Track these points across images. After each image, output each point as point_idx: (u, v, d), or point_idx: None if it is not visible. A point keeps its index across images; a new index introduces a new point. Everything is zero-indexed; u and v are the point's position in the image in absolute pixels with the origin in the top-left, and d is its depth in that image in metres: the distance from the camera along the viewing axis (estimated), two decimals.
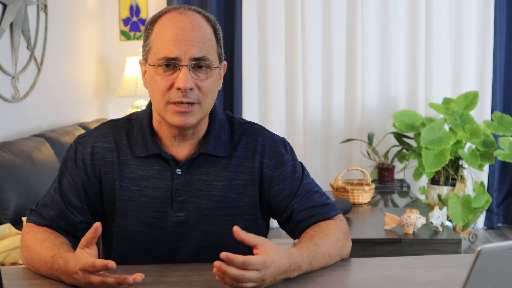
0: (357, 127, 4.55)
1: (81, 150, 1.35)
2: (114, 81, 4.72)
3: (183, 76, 1.23)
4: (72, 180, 1.35)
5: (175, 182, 1.32)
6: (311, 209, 1.36)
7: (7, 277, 1.24)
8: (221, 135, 1.35)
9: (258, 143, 1.36)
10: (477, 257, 0.82)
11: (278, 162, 1.37)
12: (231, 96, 4.62)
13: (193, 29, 1.25)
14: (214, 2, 4.53)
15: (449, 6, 4.47)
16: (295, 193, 1.37)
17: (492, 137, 4.01)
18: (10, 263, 2.15)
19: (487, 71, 4.44)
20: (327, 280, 1.20)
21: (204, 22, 1.29)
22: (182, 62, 1.24)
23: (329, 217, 1.37)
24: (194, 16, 1.28)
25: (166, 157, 1.32)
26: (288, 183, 1.37)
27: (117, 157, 1.34)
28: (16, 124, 3.18)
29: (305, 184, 1.38)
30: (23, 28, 3.22)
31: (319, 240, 1.26)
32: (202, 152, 1.33)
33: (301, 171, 1.40)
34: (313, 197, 1.38)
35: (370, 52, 4.54)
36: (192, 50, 1.24)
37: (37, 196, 2.68)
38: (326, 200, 1.40)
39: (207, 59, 1.26)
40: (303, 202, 1.36)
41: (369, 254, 2.51)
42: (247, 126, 1.39)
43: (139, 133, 1.35)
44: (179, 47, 1.24)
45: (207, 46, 1.27)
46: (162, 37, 1.26)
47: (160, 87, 1.26)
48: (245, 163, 1.35)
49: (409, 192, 3.86)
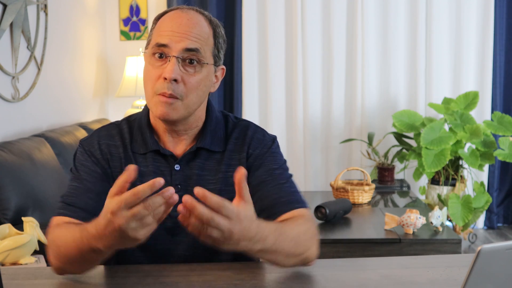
0: (357, 127, 4.55)
1: (89, 148, 1.36)
2: (114, 81, 4.72)
3: (170, 66, 1.26)
4: (91, 171, 1.33)
5: (174, 177, 1.34)
6: (275, 197, 1.32)
7: (7, 277, 1.24)
8: (217, 131, 1.39)
9: (247, 136, 1.39)
10: (477, 257, 0.82)
11: (262, 152, 1.38)
12: (231, 96, 4.62)
13: (189, 25, 1.28)
14: (214, 2, 4.53)
15: (449, 6, 4.47)
16: (264, 180, 1.34)
17: (492, 137, 4.01)
18: (10, 263, 2.15)
19: (487, 71, 4.44)
20: (327, 280, 1.20)
21: (204, 22, 1.32)
22: (172, 52, 1.27)
23: (294, 208, 1.31)
24: (195, 15, 1.31)
25: (165, 152, 1.35)
26: (262, 171, 1.36)
27: (123, 152, 1.36)
28: (16, 124, 3.18)
29: (278, 174, 1.35)
30: (23, 28, 3.22)
31: (288, 225, 1.21)
32: (199, 146, 1.35)
33: (281, 166, 1.38)
34: (282, 187, 1.33)
35: (370, 52, 4.54)
36: (184, 42, 1.27)
37: (37, 196, 2.68)
38: (294, 192, 1.34)
39: (198, 52, 1.28)
40: (270, 190, 1.33)
41: (369, 254, 2.51)
42: (239, 123, 1.43)
43: (138, 131, 1.38)
44: (172, 37, 1.27)
45: (201, 42, 1.29)
46: (159, 28, 1.30)
47: (150, 77, 1.29)
48: (235, 155, 1.38)
49: (409, 192, 3.86)
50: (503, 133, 3.99)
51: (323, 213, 2.83)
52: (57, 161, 3.05)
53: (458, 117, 4.02)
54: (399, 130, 4.17)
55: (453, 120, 3.99)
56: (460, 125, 3.97)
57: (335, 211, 2.86)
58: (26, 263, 2.16)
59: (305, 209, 1.32)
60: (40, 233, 2.25)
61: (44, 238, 2.24)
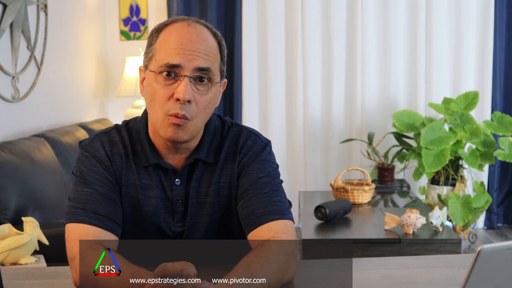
0: (357, 127, 4.55)
1: (95, 153, 1.32)
2: (114, 81, 4.72)
3: (183, 86, 1.21)
4: (103, 178, 1.30)
5: (175, 192, 1.32)
6: (252, 208, 1.29)
7: (7, 277, 1.24)
8: (213, 141, 1.35)
9: (239, 143, 1.35)
10: (477, 257, 0.82)
11: (250, 160, 1.34)
12: (231, 96, 4.62)
13: (199, 42, 1.24)
14: (214, 3, 4.53)
15: (449, 6, 4.47)
16: (246, 189, 1.31)
17: (492, 137, 4.01)
18: (10, 263, 2.15)
19: (487, 71, 4.44)
20: (327, 280, 1.20)
21: (211, 36, 1.28)
22: (184, 72, 1.22)
23: (269, 220, 1.27)
24: (202, 30, 1.27)
25: (165, 166, 1.32)
26: (247, 180, 1.32)
27: (125, 162, 1.32)
28: (16, 124, 3.18)
29: (262, 183, 1.31)
30: (23, 28, 3.22)
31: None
32: (197, 158, 1.32)
33: (268, 174, 1.33)
34: (263, 197, 1.29)
35: (370, 52, 4.54)
36: (197, 60, 1.23)
37: (37, 196, 2.68)
38: (275, 203, 1.29)
39: (210, 71, 1.25)
40: (250, 200, 1.30)
41: (369, 254, 2.51)
42: (232, 129, 1.38)
43: (138, 143, 1.34)
44: (183, 56, 1.22)
45: (211, 59, 1.25)
46: (167, 45, 1.24)
47: (159, 97, 1.24)
48: (227, 165, 1.34)
49: (409, 192, 3.86)
50: (503, 133, 3.99)
51: (323, 213, 2.83)
52: (57, 161, 3.05)
53: (458, 117, 4.02)
54: (399, 130, 4.17)
55: (453, 120, 3.99)
56: (460, 125, 3.97)
57: (335, 211, 2.86)
58: (26, 263, 2.16)
59: (282, 220, 1.27)
60: (40, 233, 2.25)
61: (44, 238, 2.24)
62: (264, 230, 1.26)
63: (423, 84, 4.51)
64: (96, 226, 1.23)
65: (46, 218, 2.65)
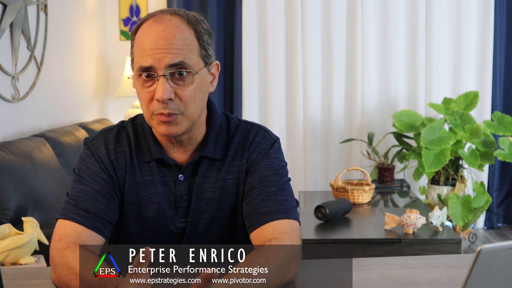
0: (357, 127, 4.55)
1: (97, 151, 1.33)
2: (114, 81, 4.72)
3: (160, 87, 1.22)
4: (98, 177, 1.31)
5: (178, 188, 1.32)
6: (258, 206, 1.29)
7: (7, 277, 1.24)
8: (219, 138, 1.35)
9: (248, 140, 1.35)
10: (477, 257, 0.82)
11: (259, 156, 1.34)
12: (231, 96, 4.62)
13: (167, 37, 1.22)
14: (214, 2, 4.53)
15: (449, 6, 4.47)
16: (254, 187, 1.31)
17: (492, 137, 4.01)
18: (10, 263, 2.15)
19: (487, 71, 4.44)
20: (327, 280, 1.20)
21: (183, 25, 1.25)
22: (158, 72, 1.22)
23: (273, 219, 1.27)
24: (170, 22, 1.24)
25: (169, 161, 1.32)
26: (254, 177, 1.33)
27: (129, 159, 1.33)
28: (16, 124, 3.18)
29: (270, 181, 1.31)
30: (23, 28, 3.22)
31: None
32: (202, 155, 1.32)
33: (276, 172, 1.33)
34: (269, 195, 1.29)
35: (370, 52, 4.54)
36: (166, 58, 1.22)
37: (37, 196, 2.68)
38: (281, 202, 1.30)
39: (185, 65, 1.23)
40: (256, 198, 1.30)
41: (369, 254, 2.51)
42: (241, 126, 1.38)
43: (142, 138, 1.35)
44: (153, 56, 1.22)
45: (184, 51, 1.23)
46: (138, 47, 1.25)
47: (143, 99, 1.25)
48: (235, 162, 1.34)
49: (409, 192, 3.86)
50: (503, 133, 3.99)
51: (323, 213, 2.83)
52: (57, 161, 3.05)
53: (458, 117, 4.02)
54: (399, 130, 4.17)
55: (453, 120, 3.99)
56: (460, 125, 3.97)
57: (335, 211, 2.86)
58: (26, 263, 2.17)
59: (287, 220, 1.27)
60: (40, 233, 2.25)
61: (44, 238, 2.24)
62: (268, 229, 1.26)
63: (423, 84, 4.51)
64: (80, 224, 1.26)
65: (46, 218, 2.65)
